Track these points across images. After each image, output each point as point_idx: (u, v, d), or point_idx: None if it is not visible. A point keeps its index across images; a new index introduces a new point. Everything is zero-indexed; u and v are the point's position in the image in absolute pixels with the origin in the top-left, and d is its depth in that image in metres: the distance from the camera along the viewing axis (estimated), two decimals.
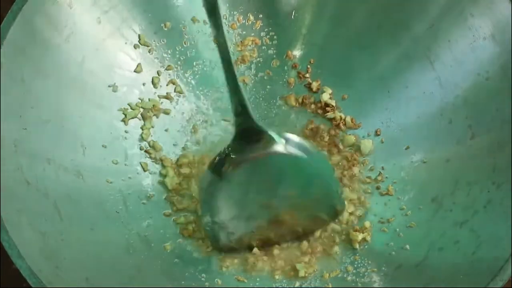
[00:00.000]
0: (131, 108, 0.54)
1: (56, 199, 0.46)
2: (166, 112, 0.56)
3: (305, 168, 0.48)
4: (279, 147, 0.47)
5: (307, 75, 0.58)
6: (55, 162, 0.47)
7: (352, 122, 0.56)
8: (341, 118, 0.56)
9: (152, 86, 0.56)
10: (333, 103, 0.57)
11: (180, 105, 0.57)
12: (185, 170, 0.55)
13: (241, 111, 0.46)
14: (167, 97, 0.56)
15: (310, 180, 0.49)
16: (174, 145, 0.56)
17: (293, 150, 0.47)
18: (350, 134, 0.56)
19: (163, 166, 0.55)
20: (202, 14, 0.55)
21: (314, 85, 0.58)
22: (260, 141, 0.47)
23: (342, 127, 0.56)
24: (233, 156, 0.47)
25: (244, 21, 0.59)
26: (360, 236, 0.51)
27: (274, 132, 0.47)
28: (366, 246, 0.51)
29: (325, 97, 0.57)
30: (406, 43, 0.55)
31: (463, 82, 0.51)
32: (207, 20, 0.44)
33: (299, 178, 0.49)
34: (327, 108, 0.57)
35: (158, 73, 0.56)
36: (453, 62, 0.52)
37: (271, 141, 0.47)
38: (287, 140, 0.47)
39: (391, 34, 0.55)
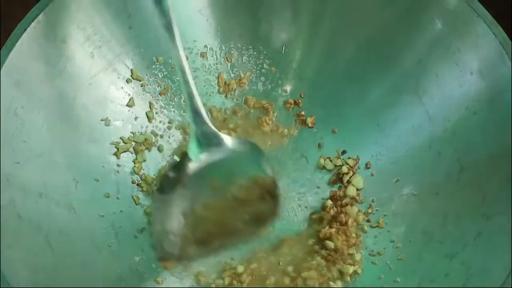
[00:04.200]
0: (123, 142, 0.55)
1: (48, 233, 0.46)
2: (160, 149, 0.57)
3: (242, 163, 0.50)
4: (229, 148, 0.49)
5: (303, 112, 0.59)
6: (47, 195, 0.47)
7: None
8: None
9: (145, 120, 0.56)
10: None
11: (172, 139, 0.57)
12: None
13: (197, 117, 0.47)
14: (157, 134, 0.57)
15: (251, 174, 0.50)
16: None
17: (237, 149, 0.49)
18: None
19: None
20: (193, 48, 0.56)
21: (309, 121, 0.58)
22: (216, 144, 0.48)
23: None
24: (188, 166, 0.48)
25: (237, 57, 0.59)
26: (351, 269, 0.51)
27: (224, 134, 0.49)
28: (357, 279, 0.51)
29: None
30: (395, 77, 0.55)
31: (451, 116, 0.52)
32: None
33: (243, 173, 0.50)
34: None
35: (150, 106, 0.57)
36: (441, 96, 0.52)
37: (222, 145, 0.49)
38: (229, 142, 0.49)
39: (380, 69, 0.56)
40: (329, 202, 0.55)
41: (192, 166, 0.48)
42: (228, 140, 0.49)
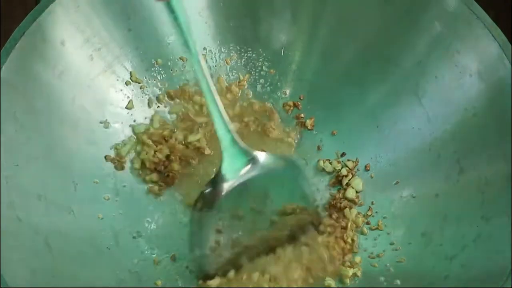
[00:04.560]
0: (123, 144, 0.55)
1: (47, 235, 0.46)
2: None
3: (284, 181, 0.50)
4: (261, 168, 0.48)
5: (302, 114, 0.59)
6: (47, 198, 0.47)
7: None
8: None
9: (143, 122, 0.56)
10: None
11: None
12: None
13: (227, 136, 0.47)
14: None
15: (290, 191, 0.51)
16: None
17: (272, 167, 0.49)
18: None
19: None
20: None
21: (309, 123, 0.58)
22: (249, 163, 0.48)
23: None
24: (223, 185, 0.47)
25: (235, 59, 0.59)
26: (351, 271, 0.51)
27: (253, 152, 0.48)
28: (357, 281, 0.51)
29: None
30: (395, 79, 0.55)
31: (451, 118, 0.52)
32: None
33: (280, 191, 0.51)
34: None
35: (149, 104, 0.57)
36: (441, 98, 0.52)
37: (256, 162, 0.48)
38: (260, 160, 0.48)
39: (379, 70, 0.56)
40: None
41: (227, 185, 0.48)
42: (262, 156, 0.48)
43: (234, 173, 0.48)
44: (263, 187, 0.50)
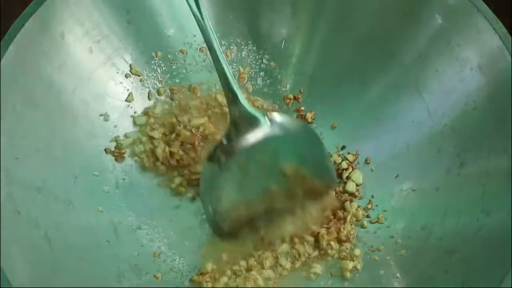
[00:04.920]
0: (123, 137, 0.55)
1: (46, 228, 0.45)
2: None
3: (297, 144, 0.51)
4: (272, 128, 0.49)
5: (302, 107, 0.59)
6: (46, 191, 0.47)
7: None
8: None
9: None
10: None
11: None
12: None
13: (232, 98, 0.48)
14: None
15: (303, 154, 0.51)
16: None
17: (283, 129, 0.49)
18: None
19: None
20: (192, 42, 0.56)
21: (309, 116, 0.58)
22: (254, 125, 0.49)
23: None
24: (231, 144, 0.48)
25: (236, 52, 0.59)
26: (351, 265, 0.51)
27: (262, 114, 0.49)
28: (356, 275, 0.51)
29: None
30: (395, 73, 0.55)
31: (451, 112, 0.52)
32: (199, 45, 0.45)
33: (293, 154, 0.51)
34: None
35: (149, 97, 0.57)
36: (441, 92, 0.52)
37: (264, 124, 0.49)
38: (275, 120, 0.49)
39: (379, 64, 0.56)
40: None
41: (239, 145, 0.48)
42: (278, 117, 0.49)
43: (247, 132, 0.48)
44: (278, 147, 0.50)
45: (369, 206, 0.54)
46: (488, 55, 0.49)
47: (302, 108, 0.59)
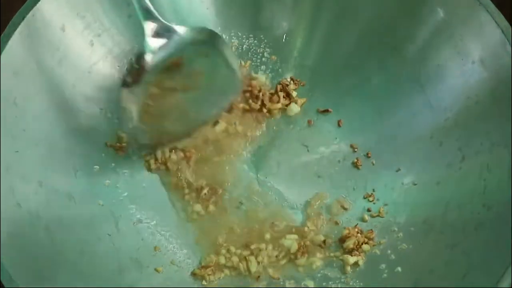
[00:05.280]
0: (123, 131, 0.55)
1: (47, 222, 0.46)
2: None
3: (208, 53, 0.51)
4: (182, 38, 0.49)
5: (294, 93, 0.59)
6: (47, 184, 0.47)
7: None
8: None
9: None
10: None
11: None
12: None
13: (147, 14, 0.48)
14: None
15: (213, 62, 0.51)
16: None
17: (192, 39, 0.49)
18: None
19: None
20: None
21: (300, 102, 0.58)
22: (169, 37, 0.48)
23: None
24: (146, 60, 0.48)
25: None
26: (351, 260, 0.51)
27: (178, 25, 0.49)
28: (357, 269, 0.51)
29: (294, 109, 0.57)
30: (396, 66, 0.55)
31: (453, 105, 0.52)
32: None
33: (204, 62, 0.51)
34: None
35: None
36: (443, 86, 0.52)
37: (177, 34, 0.49)
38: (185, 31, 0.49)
39: (381, 57, 0.56)
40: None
41: (149, 60, 0.48)
42: (182, 30, 0.49)
43: (156, 47, 0.48)
44: (187, 58, 0.50)
45: (370, 200, 0.54)
46: (490, 49, 0.49)
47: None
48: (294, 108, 0.57)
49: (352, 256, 0.51)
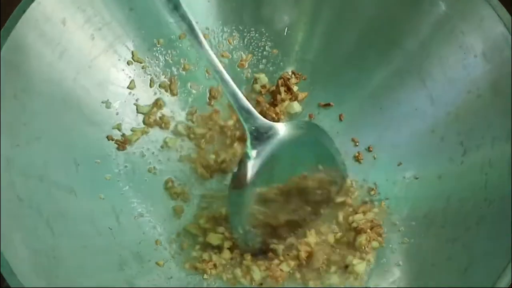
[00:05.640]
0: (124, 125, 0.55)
1: (48, 216, 0.46)
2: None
3: (311, 145, 0.51)
4: (285, 135, 0.49)
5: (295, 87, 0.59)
6: (48, 178, 0.47)
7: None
8: None
9: (145, 102, 0.56)
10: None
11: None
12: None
13: (247, 115, 0.48)
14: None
15: (318, 156, 0.51)
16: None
17: (295, 134, 0.50)
18: None
19: None
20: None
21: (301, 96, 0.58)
22: (271, 135, 0.49)
23: None
24: (252, 161, 0.48)
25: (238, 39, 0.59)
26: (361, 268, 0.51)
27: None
28: (358, 263, 0.51)
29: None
30: (398, 61, 0.55)
31: (455, 99, 0.52)
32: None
33: (310, 156, 0.51)
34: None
35: (150, 84, 0.56)
36: (445, 80, 0.52)
37: (279, 132, 0.49)
38: (286, 126, 0.50)
39: (382, 52, 0.55)
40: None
41: (252, 163, 0.48)
42: (283, 128, 0.49)
43: (258, 149, 0.48)
44: (289, 156, 0.50)
45: (372, 193, 0.54)
46: (492, 42, 0.49)
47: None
48: (296, 107, 0.57)
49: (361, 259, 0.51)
